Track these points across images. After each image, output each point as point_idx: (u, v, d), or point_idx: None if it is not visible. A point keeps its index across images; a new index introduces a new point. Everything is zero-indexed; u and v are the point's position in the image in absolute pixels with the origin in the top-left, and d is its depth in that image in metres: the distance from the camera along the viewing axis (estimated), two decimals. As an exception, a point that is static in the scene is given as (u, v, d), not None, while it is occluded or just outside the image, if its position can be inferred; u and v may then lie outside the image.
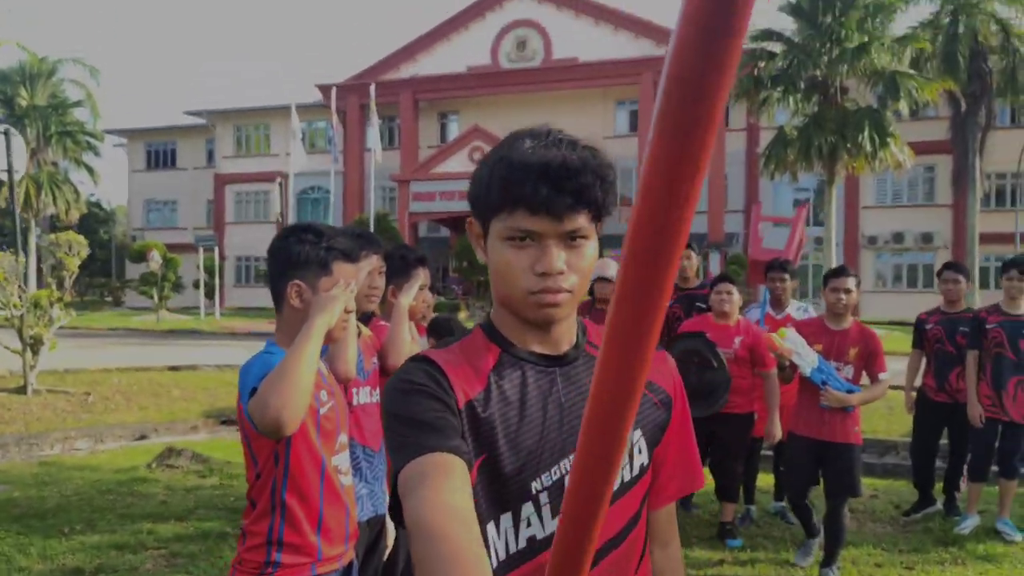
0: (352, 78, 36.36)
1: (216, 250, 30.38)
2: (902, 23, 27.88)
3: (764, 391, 5.09)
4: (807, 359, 4.29)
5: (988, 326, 5.32)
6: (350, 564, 2.21)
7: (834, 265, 24.82)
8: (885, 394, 4.65)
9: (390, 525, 3.08)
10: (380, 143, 30.30)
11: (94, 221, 43.32)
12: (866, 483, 6.81)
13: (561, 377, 1.15)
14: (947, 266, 5.96)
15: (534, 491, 1.10)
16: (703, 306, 5.40)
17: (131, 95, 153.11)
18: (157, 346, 17.66)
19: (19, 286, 9.61)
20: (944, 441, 5.93)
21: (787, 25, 23.27)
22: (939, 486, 6.00)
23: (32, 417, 9.24)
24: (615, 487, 1.04)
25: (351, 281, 2.10)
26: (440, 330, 3.86)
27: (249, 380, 1.95)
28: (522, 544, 1.11)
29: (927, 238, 31.28)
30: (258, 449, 2.01)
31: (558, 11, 34.05)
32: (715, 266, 32.09)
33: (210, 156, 42.62)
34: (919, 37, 23.09)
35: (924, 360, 5.94)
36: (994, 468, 5.51)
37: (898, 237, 31.66)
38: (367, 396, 2.91)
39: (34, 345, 9.80)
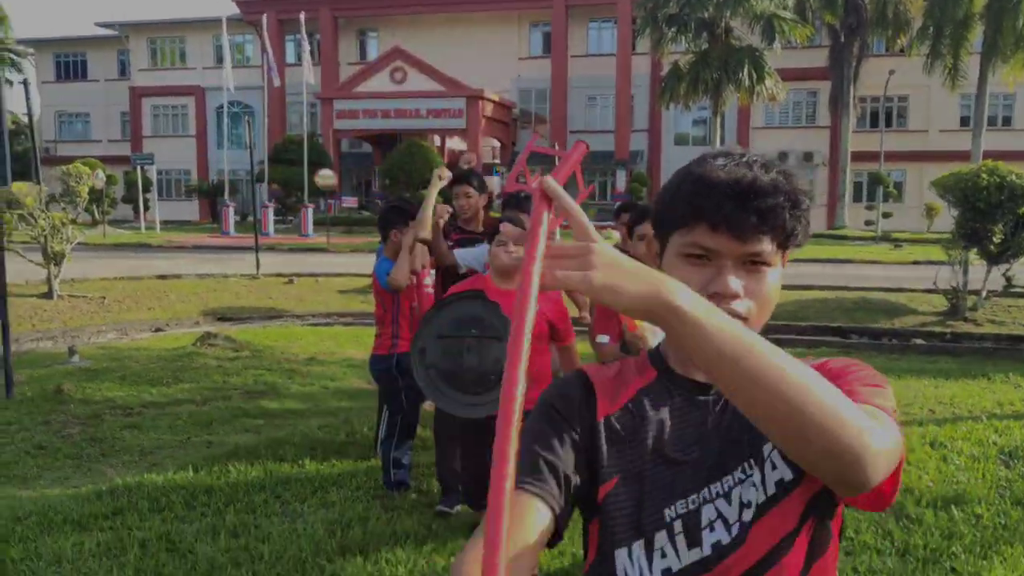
0: (272, -7, 36.85)
1: (153, 167, 31.41)
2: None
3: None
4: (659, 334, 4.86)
5: None
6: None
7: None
8: None
9: None
10: (309, 60, 31.59)
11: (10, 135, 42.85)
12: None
13: (713, 407, 1.08)
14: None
15: (668, 519, 1.04)
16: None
17: (36, 3, 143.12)
18: (123, 259, 19.45)
19: (41, 211, 11.58)
20: None
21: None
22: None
23: (65, 316, 11.43)
24: (751, 513, 1.01)
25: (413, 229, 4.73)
26: None
27: (383, 270, 4.58)
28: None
29: (808, 156, 34.79)
30: (385, 297, 4.65)
31: (476, -65, 35.31)
32: (621, 182, 35.04)
33: (122, 68, 42.48)
34: (794, -17, 26.01)
35: None
36: None
37: (783, 156, 34.89)
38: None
39: (56, 259, 11.86)
